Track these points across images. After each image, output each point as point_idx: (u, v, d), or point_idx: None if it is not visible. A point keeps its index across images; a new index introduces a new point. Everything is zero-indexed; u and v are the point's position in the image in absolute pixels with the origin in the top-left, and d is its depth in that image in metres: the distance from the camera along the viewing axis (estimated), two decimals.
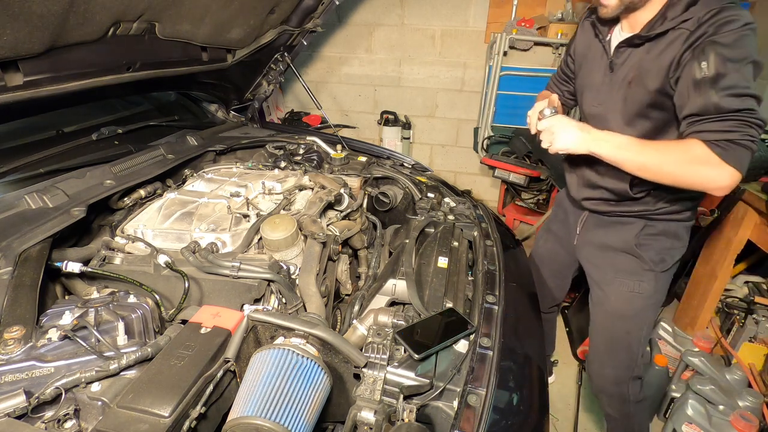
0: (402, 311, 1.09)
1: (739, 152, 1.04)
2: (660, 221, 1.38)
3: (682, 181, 1.12)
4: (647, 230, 1.39)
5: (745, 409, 1.77)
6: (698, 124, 1.08)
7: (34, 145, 1.50)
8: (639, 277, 1.43)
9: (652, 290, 1.44)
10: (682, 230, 1.40)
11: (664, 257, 1.40)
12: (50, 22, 1.06)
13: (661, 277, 1.43)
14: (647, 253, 1.40)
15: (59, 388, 0.74)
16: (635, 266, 1.43)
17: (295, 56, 2.33)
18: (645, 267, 1.41)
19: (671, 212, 1.36)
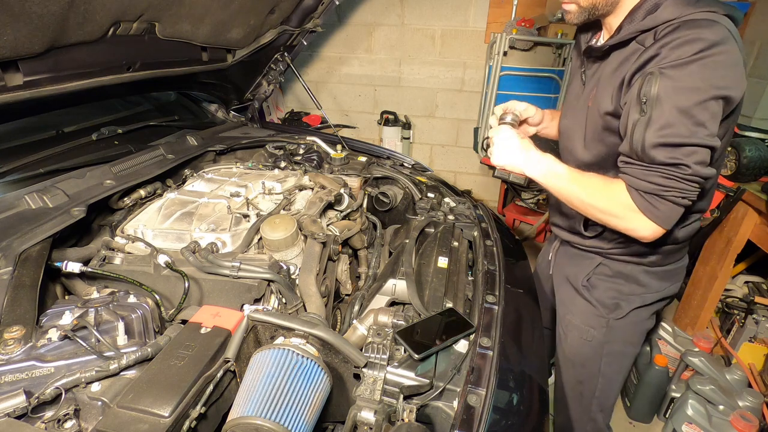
0: (402, 311, 1.09)
1: (663, 208, 0.93)
2: (616, 261, 1.22)
3: (605, 222, 1.03)
4: (601, 269, 1.25)
5: (745, 409, 1.77)
6: (627, 166, 0.96)
7: (34, 145, 1.50)
8: (588, 322, 1.29)
9: (603, 339, 1.28)
10: (643, 275, 1.21)
11: (619, 303, 1.24)
12: (50, 22, 1.06)
13: (616, 326, 1.26)
14: (596, 296, 1.27)
15: (59, 388, 0.74)
16: (585, 309, 1.29)
17: (295, 56, 2.33)
18: (595, 312, 1.27)
19: (629, 253, 1.19)
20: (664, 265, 1.21)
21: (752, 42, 2.90)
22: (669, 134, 0.87)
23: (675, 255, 1.21)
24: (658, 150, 0.89)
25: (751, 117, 2.82)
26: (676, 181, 0.90)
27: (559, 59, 3.34)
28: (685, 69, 0.84)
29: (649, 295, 1.23)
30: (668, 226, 0.96)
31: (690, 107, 0.85)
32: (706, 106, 0.85)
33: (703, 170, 0.89)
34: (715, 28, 0.84)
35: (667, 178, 0.90)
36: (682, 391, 2.02)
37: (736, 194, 2.07)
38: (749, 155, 2.02)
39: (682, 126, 0.86)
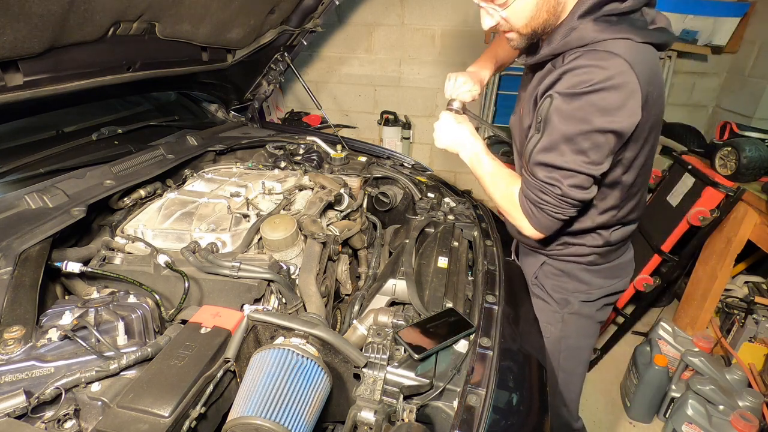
0: (402, 311, 1.08)
1: (540, 217, 1.02)
2: (557, 260, 1.28)
3: (505, 215, 1.15)
4: (546, 267, 1.31)
5: (745, 409, 1.77)
6: (523, 173, 1.05)
7: (34, 145, 1.50)
8: (545, 318, 1.33)
9: (559, 334, 1.34)
10: (584, 274, 1.27)
11: (567, 298, 1.30)
12: (50, 22, 1.06)
13: (570, 321, 1.32)
14: (547, 292, 1.33)
15: (59, 388, 0.74)
16: (541, 306, 1.35)
17: (295, 56, 2.33)
18: (550, 308, 1.33)
19: (568, 254, 1.25)
20: (603, 264, 1.26)
21: (752, 42, 2.90)
22: (550, 157, 0.95)
23: (613, 254, 1.27)
24: (539, 168, 0.98)
25: (751, 117, 2.82)
26: (550, 197, 0.99)
27: None
28: (575, 100, 0.89)
29: (594, 291, 1.29)
30: (547, 232, 1.07)
31: (574, 135, 0.91)
32: (590, 136, 0.90)
33: (577, 193, 0.97)
34: (613, 62, 0.86)
35: (543, 193, 0.99)
36: (682, 391, 2.02)
37: (736, 194, 2.07)
38: (749, 155, 2.02)
39: (564, 152, 0.93)
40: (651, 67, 0.92)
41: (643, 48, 0.91)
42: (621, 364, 2.44)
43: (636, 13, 0.93)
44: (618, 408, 2.27)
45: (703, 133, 3.08)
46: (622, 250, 1.29)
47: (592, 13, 0.91)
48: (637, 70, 0.87)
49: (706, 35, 2.95)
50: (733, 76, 3.10)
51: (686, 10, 2.86)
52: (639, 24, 0.92)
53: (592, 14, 0.91)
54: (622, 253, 1.30)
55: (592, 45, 0.90)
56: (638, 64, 0.88)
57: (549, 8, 0.95)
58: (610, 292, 1.31)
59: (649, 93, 0.91)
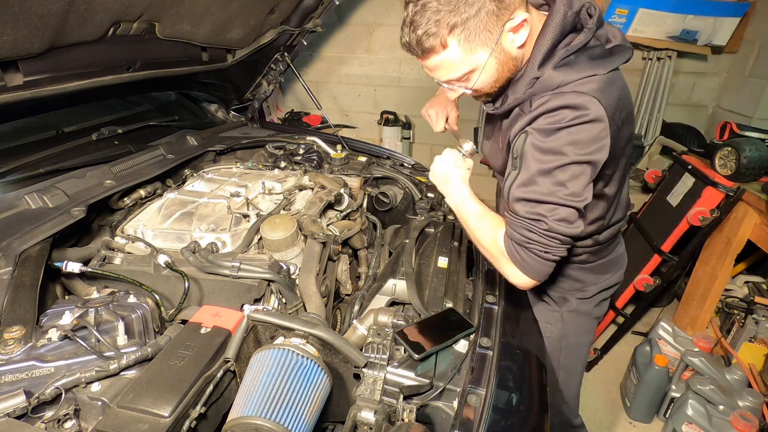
0: (402, 311, 1.09)
1: (527, 258, 0.96)
2: None
3: (491, 262, 1.08)
4: None
5: (745, 409, 1.77)
6: (506, 215, 1.01)
7: (34, 145, 1.50)
8: (545, 318, 1.35)
9: (560, 333, 1.35)
10: (577, 272, 1.28)
11: (565, 296, 1.32)
12: (50, 22, 1.06)
13: (569, 319, 1.33)
14: (545, 292, 1.33)
15: (59, 388, 0.74)
16: (541, 306, 1.36)
17: (295, 56, 2.33)
18: (549, 307, 1.34)
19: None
20: (595, 261, 1.27)
21: (752, 42, 2.90)
22: (530, 191, 0.93)
23: (604, 251, 1.27)
24: (521, 204, 0.94)
25: (751, 117, 2.82)
26: (537, 235, 0.94)
27: None
28: (550, 135, 0.89)
29: (589, 288, 1.30)
30: (536, 277, 0.99)
31: (551, 168, 0.90)
32: (567, 169, 0.90)
33: (564, 228, 0.92)
34: (582, 100, 0.88)
35: (528, 231, 0.94)
36: (682, 391, 2.02)
37: (736, 194, 2.07)
38: (749, 155, 2.02)
39: (543, 184, 0.91)
40: (618, 94, 0.94)
41: (608, 76, 0.92)
42: (621, 364, 2.44)
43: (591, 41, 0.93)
44: (618, 408, 2.27)
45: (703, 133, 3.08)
46: (613, 245, 1.30)
47: (550, 60, 0.92)
48: (606, 104, 0.88)
49: (706, 35, 2.95)
50: (733, 76, 3.10)
51: (686, 10, 2.86)
52: (597, 53, 0.93)
53: (550, 61, 0.92)
54: (614, 248, 1.31)
55: (557, 91, 0.91)
56: (606, 97, 0.89)
57: (510, 67, 0.96)
58: (605, 287, 1.32)
59: (620, 118, 0.93)
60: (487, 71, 0.93)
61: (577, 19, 0.93)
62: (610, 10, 2.96)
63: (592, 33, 0.91)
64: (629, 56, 0.96)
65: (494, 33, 0.87)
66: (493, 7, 0.84)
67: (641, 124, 3.33)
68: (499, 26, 0.87)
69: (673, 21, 2.92)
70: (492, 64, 0.92)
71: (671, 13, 2.89)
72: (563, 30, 0.91)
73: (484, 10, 0.83)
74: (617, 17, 2.99)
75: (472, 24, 0.85)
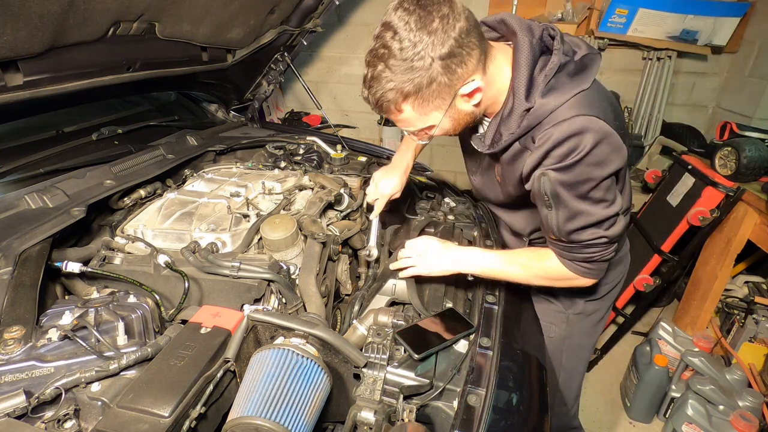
0: (402, 311, 1.09)
1: (594, 267, 1.05)
2: None
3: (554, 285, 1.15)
4: None
5: (745, 409, 1.77)
6: (555, 244, 1.05)
7: (34, 145, 1.50)
8: (549, 318, 1.35)
9: (563, 334, 1.35)
10: None
11: (573, 299, 1.31)
12: (50, 22, 1.06)
13: (574, 321, 1.33)
14: (553, 294, 1.33)
15: (59, 388, 0.74)
16: (545, 307, 1.36)
17: (295, 56, 2.33)
18: (554, 308, 1.34)
19: None
20: None
21: (752, 42, 2.90)
22: (581, 220, 0.96)
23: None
24: (577, 234, 0.99)
25: (751, 117, 2.82)
26: (599, 248, 1.01)
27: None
28: (573, 169, 0.90)
29: (600, 288, 1.31)
30: (602, 274, 1.09)
31: (586, 193, 0.93)
32: (600, 186, 0.93)
33: (617, 231, 1.00)
34: (583, 122, 0.87)
35: (591, 248, 1.01)
36: (682, 391, 2.02)
37: (736, 194, 2.07)
38: (749, 155, 2.02)
39: (587, 210, 0.95)
40: (607, 100, 0.95)
41: (594, 88, 0.93)
42: (621, 364, 2.44)
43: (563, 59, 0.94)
44: (618, 408, 2.27)
45: (703, 133, 3.07)
46: (622, 242, 1.31)
47: (534, 89, 0.91)
48: (604, 116, 0.89)
49: (706, 35, 2.95)
50: (733, 76, 3.10)
51: (686, 10, 2.86)
52: (572, 68, 0.93)
53: (535, 90, 0.91)
54: (621, 246, 1.32)
55: (554, 115, 0.90)
56: (602, 109, 0.90)
57: (467, 120, 0.98)
58: (613, 285, 1.34)
59: (617, 121, 0.93)
60: (443, 127, 0.97)
61: (542, 43, 0.95)
62: (610, 10, 2.95)
63: (561, 52, 0.92)
64: (599, 59, 0.98)
65: (447, 99, 0.90)
66: (445, 79, 0.85)
67: (641, 124, 3.33)
68: (451, 93, 0.89)
69: (673, 21, 2.92)
70: (447, 122, 0.96)
71: (671, 13, 2.88)
72: (534, 57, 0.92)
73: (435, 83, 0.85)
74: (617, 17, 2.99)
75: (425, 93, 0.87)
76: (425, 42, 0.81)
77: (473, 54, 0.86)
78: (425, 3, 0.81)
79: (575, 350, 1.40)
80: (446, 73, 0.84)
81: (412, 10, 0.81)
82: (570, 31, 3.17)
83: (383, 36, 0.84)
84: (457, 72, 0.85)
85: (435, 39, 0.81)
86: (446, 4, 0.82)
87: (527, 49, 0.91)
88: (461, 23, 0.82)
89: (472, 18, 0.86)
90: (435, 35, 0.80)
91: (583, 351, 1.43)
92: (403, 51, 0.82)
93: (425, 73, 0.83)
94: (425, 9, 0.80)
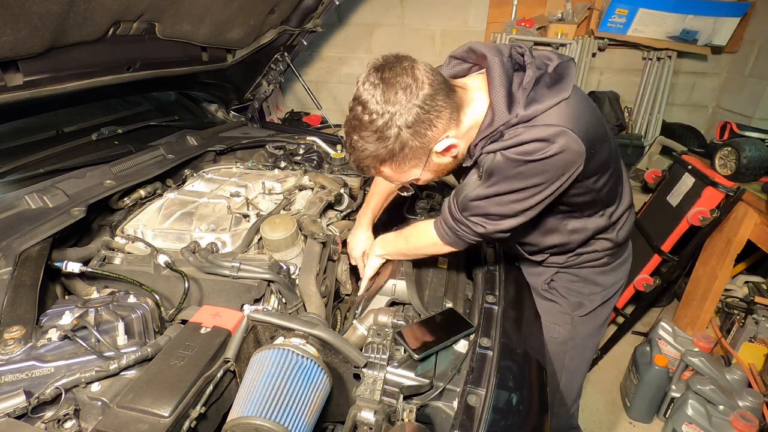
0: (402, 311, 1.08)
1: (458, 241, 1.10)
2: (572, 269, 1.29)
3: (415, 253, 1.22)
4: (559, 276, 1.31)
5: (745, 409, 1.77)
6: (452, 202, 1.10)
7: (34, 145, 1.50)
8: (554, 319, 1.35)
9: (567, 336, 1.35)
10: (598, 276, 1.29)
11: (582, 302, 1.31)
12: (50, 22, 1.06)
13: (579, 323, 1.33)
14: (559, 295, 1.33)
15: (59, 388, 0.74)
16: (550, 308, 1.35)
17: (295, 56, 2.33)
18: (560, 309, 1.33)
19: (582, 262, 1.26)
20: (614, 262, 1.30)
21: (752, 42, 2.90)
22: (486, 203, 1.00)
23: (621, 251, 1.31)
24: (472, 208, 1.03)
25: (751, 117, 2.82)
26: (471, 232, 1.06)
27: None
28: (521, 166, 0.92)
29: (608, 290, 1.32)
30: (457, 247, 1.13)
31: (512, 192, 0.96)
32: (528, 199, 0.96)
33: (498, 235, 1.04)
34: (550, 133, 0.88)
35: (468, 227, 1.05)
36: (682, 391, 2.02)
37: (736, 194, 2.07)
38: (749, 155, 2.02)
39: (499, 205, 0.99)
40: (588, 108, 0.96)
41: (575, 98, 0.93)
42: (621, 364, 2.44)
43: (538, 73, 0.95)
44: (618, 408, 2.26)
45: (703, 133, 3.08)
46: (627, 244, 1.32)
47: (515, 103, 0.91)
48: (579, 129, 0.89)
49: (706, 35, 2.96)
50: (733, 76, 3.11)
51: (686, 10, 2.86)
52: (549, 80, 0.94)
53: (516, 104, 0.91)
54: (626, 248, 1.34)
55: (532, 121, 0.91)
56: (581, 122, 0.90)
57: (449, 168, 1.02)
58: (619, 287, 1.35)
59: (593, 135, 0.94)
60: (425, 178, 1.02)
61: (513, 61, 0.97)
62: (610, 10, 2.96)
63: (534, 66, 0.94)
64: (574, 66, 0.99)
65: (423, 158, 0.94)
66: (415, 143, 0.90)
67: (641, 124, 3.33)
68: (425, 153, 0.93)
69: (673, 21, 2.92)
70: (429, 174, 1.01)
71: (671, 13, 2.89)
72: (508, 74, 0.93)
73: (407, 147, 0.90)
74: (617, 17, 2.99)
75: (399, 157, 0.92)
76: (391, 113, 0.86)
77: (442, 115, 0.90)
78: (388, 76, 0.86)
79: (579, 351, 1.40)
80: (416, 138, 0.89)
81: (377, 84, 0.87)
82: (570, 31, 3.17)
83: (355, 109, 0.90)
84: (427, 135, 0.90)
85: (400, 109, 0.86)
86: (409, 74, 0.86)
87: (499, 67, 0.93)
88: (425, 90, 0.87)
89: (437, 81, 0.89)
90: (399, 105, 0.86)
91: (587, 352, 1.44)
92: (372, 123, 0.87)
93: (395, 140, 0.89)
94: (388, 83, 0.86)
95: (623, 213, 1.20)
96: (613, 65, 3.37)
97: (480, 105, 0.97)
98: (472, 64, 1.04)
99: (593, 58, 3.29)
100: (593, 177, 1.01)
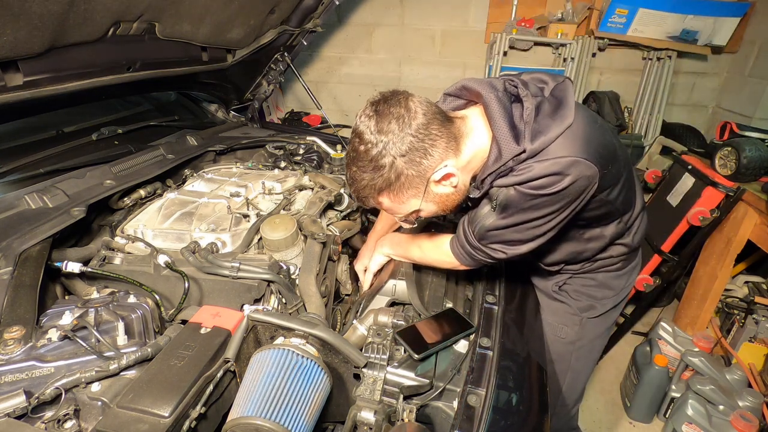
0: (402, 311, 1.09)
1: (473, 263, 1.11)
2: (587, 273, 1.30)
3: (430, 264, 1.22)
4: (572, 280, 1.32)
5: (745, 409, 1.77)
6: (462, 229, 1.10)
7: (34, 145, 1.50)
8: (562, 320, 1.35)
9: (575, 337, 1.36)
10: (612, 280, 1.30)
11: (593, 304, 1.32)
12: (50, 22, 1.06)
13: (588, 324, 1.34)
14: (570, 297, 1.33)
15: (59, 388, 0.74)
16: (558, 308, 1.36)
17: (295, 56, 2.33)
18: (569, 311, 1.34)
19: (596, 268, 1.27)
20: (629, 265, 1.32)
21: (752, 42, 2.90)
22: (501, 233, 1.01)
23: (633, 255, 1.32)
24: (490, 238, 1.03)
25: (751, 117, 2.82)
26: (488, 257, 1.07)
27: (559, 59, 3.34)
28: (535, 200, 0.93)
29: (620, 293, 1.33)
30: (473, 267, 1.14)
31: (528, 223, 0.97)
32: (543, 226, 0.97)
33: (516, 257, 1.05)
34: (562, 166, 0.88)
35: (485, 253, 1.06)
36: (682, 391, 2.02)
37: (736, 194, 2.07)
38: (749, 155, 2.02)
39: (517, 234, 1.00)
40: (594, 125, 0.95)
41: (581, 121, 0.92)
42: (621, 364, 2.44)
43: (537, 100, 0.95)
44: (618, 408, 2.26)
45: (703, 133, 3.07)
46: (638, 249, 1.33)
47: (521, 137, 0.91)
48: (589, 154, 0.89)
49: (706, 35, 2.96)
50: (733, 76, 3.11)
51: (686, 10, 2.86)
52: (548, 107, 0.93)
53: (522, 138, 0.91)
54: (639, 249, 1.35)
55: (542, 154, 0.91)
56: (590, 145, 0.90)
57: (453, 199, 1.00)
58: (630, 289, 1.36)
59: (605, 154, 0.94)
60: (428, 210, 1.02)
61: (508, 94, 0.97)
62: (610, 10, 2.96)
63: (531, 95, 0.94)
64: (571, 85, 0.99)
65: (421, 187, 0.94)
66: (411, 172, 0.91)
67: (641, 124, 3.33)
68: (423, 182, 0.93)
69: (673, 21, 2.92)
70: (431, 206, 1.00)
71: (671, 13, 2.89)
72: (506, 108, 0.93)
73: (403, 176, 0.91)
74: (617, 17, 2.99)
75: (396, 186, 0.93)
76: (384, 142, 0.88)
77: (437, 144, 0.90)
78: (382, 109, 0.89)
79: (585, 352, 1.40)
80: (411, 167, 0.90)
81: (371, 116, 0.89)
82: (570, 31, 3.17)
83: (353, 141, 0.92)
84: (423, 163, 0.90)
85: (393, 138, 0.88)
86: (402, 105, 0.89)
87: (496, 103, 0.93)
88: (418, 120, 0.88)
89: (431, 111, 0.91)
90: (393, 134, 0.88)
91: (593, 354, 1.44)
92: (367, 153, 0.90)
93: (390, 169, 0.90)
94: (382, 114, 0.89)
95: (637, 216, 1.20)
96: (613, 65, 3.37)
97: (480, 136, 0.97)
98: (468, 100, 1.05)
99: (593, 58, 3.29)
100: (607, 190, 1.01)
